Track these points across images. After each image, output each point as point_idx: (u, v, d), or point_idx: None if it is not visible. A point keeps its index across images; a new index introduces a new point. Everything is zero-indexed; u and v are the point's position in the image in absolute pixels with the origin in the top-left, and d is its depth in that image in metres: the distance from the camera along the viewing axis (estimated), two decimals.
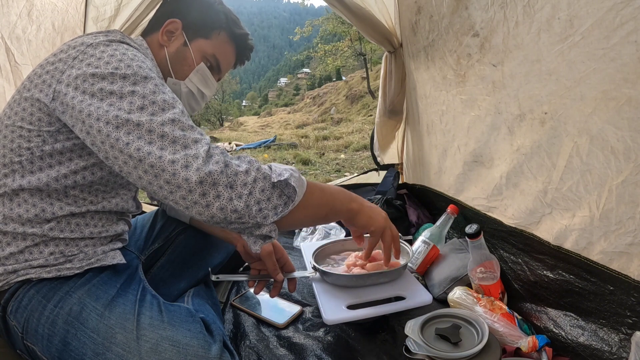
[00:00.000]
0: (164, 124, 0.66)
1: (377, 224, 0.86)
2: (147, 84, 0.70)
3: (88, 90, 0.69)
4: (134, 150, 0.65)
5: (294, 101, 40.78)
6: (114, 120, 0.66)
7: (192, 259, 1.11)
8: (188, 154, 0.64)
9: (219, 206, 0.64)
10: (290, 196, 0.70)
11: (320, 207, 0.77)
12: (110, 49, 0.74)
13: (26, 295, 0.75)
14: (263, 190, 0.67)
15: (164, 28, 0.92)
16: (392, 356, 0.92)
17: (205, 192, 0.63)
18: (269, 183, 0.68)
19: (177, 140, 0.65)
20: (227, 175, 0.64)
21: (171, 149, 0.64)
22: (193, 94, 0.97)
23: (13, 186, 0.75)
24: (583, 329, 0.85)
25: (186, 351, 0.69)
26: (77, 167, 0.77)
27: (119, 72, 0.70)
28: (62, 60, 0.74)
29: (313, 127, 12.62)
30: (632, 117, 0.72)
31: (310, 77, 59.20)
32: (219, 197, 0.64)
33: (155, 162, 0.64)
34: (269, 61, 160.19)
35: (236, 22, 0.99)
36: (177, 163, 0.63)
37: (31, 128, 0.75)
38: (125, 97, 0.68)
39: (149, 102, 0.68)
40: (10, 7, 1.32)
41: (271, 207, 0.68)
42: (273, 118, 21.69)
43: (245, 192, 0.65)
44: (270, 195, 0.68)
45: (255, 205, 0.66)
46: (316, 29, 22.96)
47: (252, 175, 0.66)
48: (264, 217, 0.68)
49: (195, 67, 0.94)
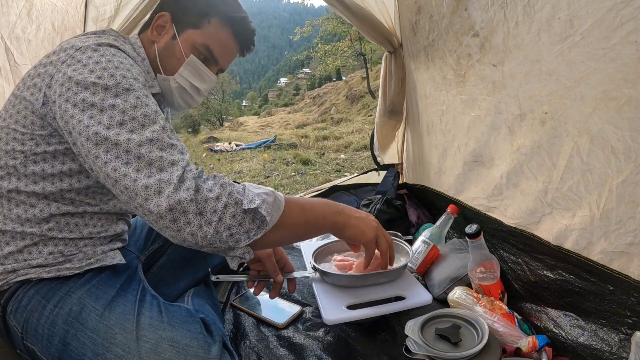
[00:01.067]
0: (141, 144, 0.66)
1: (367, 237, 0.84)
2: (129, 97, 0.69)
3: (71, 99, 0.69)
4: (111, 170, 0.66)
5: (294, 101, 40.76)
6: (93, 137, 0.67)
7: (192, 259, 1.11)
8: (162, 179, 0.64)
9: (189, 232, 0.65)
10: (264, 220, 0.69)
11: (299, 226, 0.76)
12: (97, 55, 0.73)
13: (26, 295, 0.75)
14: (234, 215, 0.67)
15: (154, 23, 0.91)
16: (392, 356, 0.92)
17: (176, 219, 0.64)
18: (240, 209, 0.67)
19: (153, 162, 0.65)
20: (197, 202, 0.64)
21: (146, 171, 0.65)
22: (185, 89, 0.93)
23: (9, 188, 0.76)
24: (583, 329, 0.85)
25: (186, 351, 0.69)
26: (72, 170, 0.77)
27: (101, 82, 0.69)
28: (52, 63, 0.75)
29: (313, 127, 12.61)
30: (632, 117, 0.72)
31: (310, 77, 59.19)
32: (189, 223, 0.64)
33: (130, 185, 0.64)
34: (269, 61, 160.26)
35: (232, 6, 0.93)
36: (150, 189, 0.64)
37: (24, 131, 0.75)
38: (105, 111, 0.68)
39: (129, 118, 0.68)
40: (10, 7, 1.32)
41: (243, 232, 0.68)
42: (273, 118, 21.69)
43: (214, 219, 0.65)
44: (242, 221, 0.67)
45: (225, 231, 0.66)
46: (316, 29, 22.97)
47: (222, 201, 0.66)
48: (235, 241, 0.68)
49: (184, 60, 0.90)
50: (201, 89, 0.95)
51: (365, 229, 0.83)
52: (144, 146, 0.66)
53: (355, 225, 0.82)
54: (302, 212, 0.76)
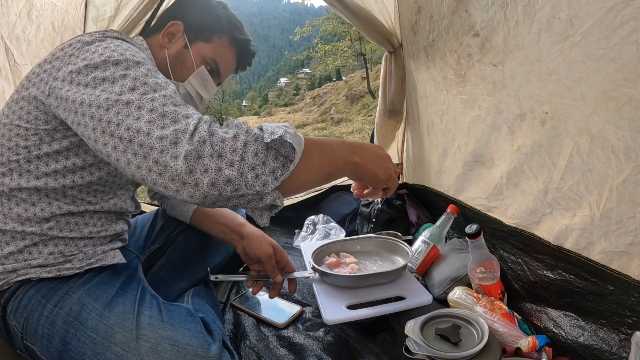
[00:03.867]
0: (154, 99, 0.63)
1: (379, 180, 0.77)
2: (140, 68, 0.69)
3: (82, 81, 0.69)
4: (124, 129, 0.61)
5: (294, 101, 40.78)
6: (104, 103, 0.64)
7: (192, 259, 1.11)
8: (178, 129, 0.59)
9: (208, 182, 0.58)
10: (288, 156, 0.63)
11: (322, 166, 0.69)
12: (105, 43, 0.74)
13: (26, 295, 0.75)
14: (256, 153, 0.61)
15: (165, 30, 0.92)
16: (392, 356, 0.92)
17: (192, 169, 0.58)
18: (261, 145, 0.61)
19: (167, 114, 0.61)
20: (212, 145, 0.59)
21: (160, 122, 0.60)
22: (191, 96, 0.97)
23: (11, 185, 0.76)
24: (583, 329, 0.85)
25: (186, 351, 0.69)
26: (75, 166, 0.77)
27: (111, 59, 0.69)
28: (59, 58, 0.75)
29: (313, 127, 12.61)
30: (633, 117, 0.72)
31: (310, 77, 59.22)
32: (207, 171, 0.58)
33: (144, 141, 0.59)
34: (269, 61, 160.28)
35: (239, 28, 0.98)
36: (166, 139, 0.59)
37: (28, 127, 0.75)
38: (117, 81, 0.66)
39: (140, 83, 0.66)
40: (10, 7, 1.32)
41: (269, 172, 0.61)
42: (273, 118, 21.70)
43: (236, 159, 0.59)
44: (266, 159, 0.61)
45: (250, 172, 0.60)
46: (316, 29, 22.98)
47: (241, 139, 0.60)
48: (263, 184, 0.61)
49: (195, 70, 0.94)
50: (205, 99, 0.99)
51: (379, 173, 0.77)
52: (157, 100, 0.63)
53: (370, 170, 0.75)
54: (323, 150, 0.70)
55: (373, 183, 0.79)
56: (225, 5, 0.99)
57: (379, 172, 0.76)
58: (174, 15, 0.94)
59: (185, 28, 0.93)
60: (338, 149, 0.72)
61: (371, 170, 0.75)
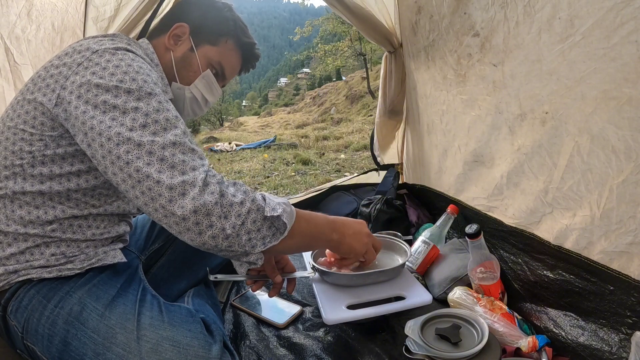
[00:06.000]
0: (164, 147, 0.66)
1: (357, 254, 0.90)
2: (151, 101, 0.70)
3: (91, 101, 0.69)
4: (134, 170, 0.65)
5: (294, 101, 40.76)
6: (115, 137, 0.66)
7: (193, 259, 1.11)
8: (186, 181, 0.65)
9: (211, 235, 0.66)
10: (280, 229, 0.72)
11: (305, 237, 0.80)
12: (115, 59, 0.73)
13: (26, 295, 0.75)
14: (255, 221, 0.69)
15: (171, 32, 0.92)
16: (392, 356, 0.92)
17: (199, 222, 0.65)
18: (261, 215, 0.69)
19: (176, 165, 0.66)
20: (222, 206, 0.66)
21: (169, 173, 0.65)
22: (197, 99, 0.97)
23: (15, 188, 0.75)
24: (583, 329, 0.85)
25: (186, 351, 0.69)
26: (80, 171, 0.77)
27: (123, 86, 0.70)
28: (66, 64, 0.74)
29: (313, 127, 12.61)
30: (633, 117, 0.72)
31: (310, 77, 59.18)
32: (212, 226, 0.65)
33: (153, 187, 0.65)
34: (269, 61, 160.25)
35: (244, 31, 0.98)
36: (175, 190, 0.64)
37: (33, 132, 0.74)
38: (128, 113, 0.68)
39: (152, 121, 0.68)
40: (10, 6, 1.32)
41: (260, 238, 0.70)
42: (273, 118, 21.69)
43: (238, 223, 0.67)
44: (261, 227, 0.70)
45: (245, 235, 0.68)
46: (316, 29, 22.98)
47: (246, 206, 0.68)
48: (252, 246, 0.70)
49: (200, 73, 0.94)
50: (209, 101, 0.99)
51: (357, 247, 0.88)
52: (167, 149, 0.66)
53: (348, 244, 0.87)
54: (308, 225, 0.80)
55: (349, 255, 0.90)
56: (231, 8, 0.98)
57: (356, 246, 0.88)
58: (179, 17, 0.93)
59: (191, 30, 0.93)
60: (322, 224, 0.83)
61: (348, 244, 0.86)
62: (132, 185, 0.66)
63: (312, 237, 0.82)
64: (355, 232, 0.88)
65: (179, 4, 0.99)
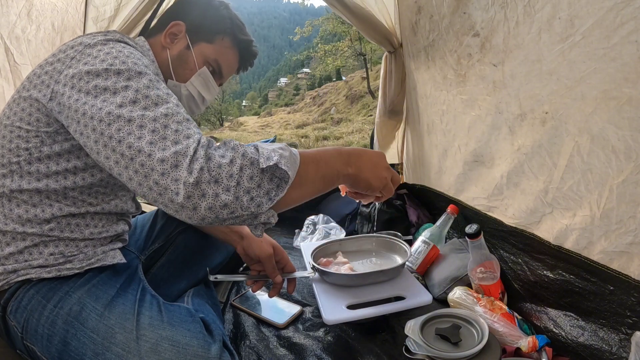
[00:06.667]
0: (155, 119, 0.63)
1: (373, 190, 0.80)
2: (141, 79, 0.69)
3: (83, 88, 0.68)
4: (126, 147, 0.62)
5: (294, 101, 40.76)
6: (106, 117, 0.64)
7: (192, 259, 1.11)
8: (178, 152, 0.60)
9: (206, 206, 0.60)
10: (283, 178, 0.65)
11: (316, 181, 0.72)
12: (107, 47, 0.73)
13: (26, 295, 0.75)
14: (252, 177, 0.62)
15: (167, 30, 0.92)
16: (392, 356, 0.92)
17: (190, 195, 0.59)
18: (257, 169, 0.63)
19: (168, 136, 0.62)
20: (209, 170, 0.60)
21: (161, 144, 0.61)
22: (193, 97, 0.96)
23: (12, 187, 0.75)
24: (583, 329, 0.85)
25: (186, 351, 0.69)
26: (76, 168, 0.77)
27: (113, 68, 0.69)
28: (60, 60, 0.74)
29: (313, 127, 12.61)
30: (633, 117, 0.72)
31: (310, 77, 59.16)
32: (204, 195, 0.59)
33: (145, 161, 0.61)
34: (269, 61, 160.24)
35: (241, 28, 0.98)
36: (167, 162, 0.60)
37: (29, 128, 0.74)
38: (118, 92, 0.66)
39: (142, 96, 0.66)
40: (10, 7, 1.32)
41: (263, 193, 0.63)
42: (273, 118, 21.69)
43: (232, 184, 0.60)
44: (261, 181, 0.63)
45: (245, 195, 0.61)
46: (316, 29, 22.99)
47: (237, 164, 0.61)
48: (257, 205, 0.63)
49: (197, 71, 0.94)
50: (206, 99, 0.99)
51: (374, 182, 0.78)
52: (159, 120, 0.63)
53: (365, 179, 0.77)
54: (317, 166, 0.72)
55: (367, 191, 0.80)
56: (228, 6, 0.98)
57: (373, 182, 0.78)
58: (175, 15, 0.94)
59: (187, 28, 0.93)
60: (333, 161, 0.74)
61: (365, 179, 0.77)
62: (126, 166, 0.62)
63: (324, 179, 0.73)
64: (373, 165, 0.78)
65: (176, 3, 0.99)
